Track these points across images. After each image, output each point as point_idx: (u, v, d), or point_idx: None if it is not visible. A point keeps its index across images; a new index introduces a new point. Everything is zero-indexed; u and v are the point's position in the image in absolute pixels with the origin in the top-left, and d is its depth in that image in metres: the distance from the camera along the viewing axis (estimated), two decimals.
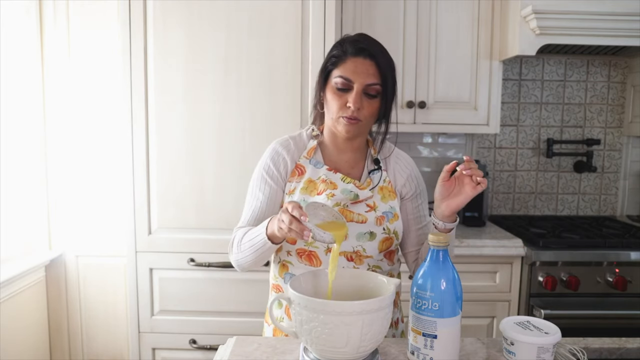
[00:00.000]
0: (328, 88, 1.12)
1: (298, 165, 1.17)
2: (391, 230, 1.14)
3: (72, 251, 2.20)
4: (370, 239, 1.12)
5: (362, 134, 1.18)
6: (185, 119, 1.83)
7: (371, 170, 1.19)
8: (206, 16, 1.79)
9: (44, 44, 2.13)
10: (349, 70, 1.08)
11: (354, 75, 1.08)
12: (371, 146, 1.23)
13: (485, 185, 1.00)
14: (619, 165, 2.56)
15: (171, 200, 1.85)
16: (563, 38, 2.01)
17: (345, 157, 1.19)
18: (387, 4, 2.13)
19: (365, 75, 1.08)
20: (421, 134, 2.49)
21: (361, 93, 1.08)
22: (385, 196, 1.16)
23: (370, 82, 1.08)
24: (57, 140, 2.16)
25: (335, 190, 1.12)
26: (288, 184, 1.16)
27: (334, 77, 1.10)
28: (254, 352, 1.00)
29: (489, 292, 1.99)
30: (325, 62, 1.14)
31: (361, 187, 1.14)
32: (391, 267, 1.19)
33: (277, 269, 1.19)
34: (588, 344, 1.04)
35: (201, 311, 1.90)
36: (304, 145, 1.19)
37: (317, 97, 1.19)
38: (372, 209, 1.14)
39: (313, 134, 1.21)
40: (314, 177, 1.15)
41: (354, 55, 1.09)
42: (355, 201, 1.13)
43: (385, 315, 0.86)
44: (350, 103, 1.08)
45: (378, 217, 1.13)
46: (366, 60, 1.08)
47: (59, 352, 2.23)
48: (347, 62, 1.09)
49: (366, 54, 1.09)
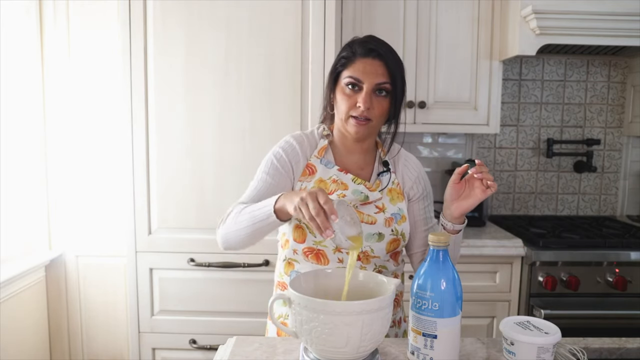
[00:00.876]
0: (338, 89, 1.13)
1: (309, 165, 1.17)
2: (399, 231, 1.15)
3: (72, 251, 2.20)
4: (379, 240, 1.13)
5: (372, 135, 1.18)
6: (185, 118, 1.83)
7: (380, 172, 1.19)
8: (206, 17, 1.79)
9: (44, 44, 2.13)
10: (359, 70, 1.09)
11: (364, 75, 1.09)
12: (380, 148, 1.23)
13: (495, 189, 1.01)
14: (619, 165, 2.56)
15: (171, 200, 1.85)
16: (563, 38, 2.01)
17: (355, 159, 1.20)
18: (387, 4, 2.13)
19: (375, 75, 1.09)
20: (421, 134, 2.49)
21: (371, 93, 1.09)
22: (394, 198, 1.17)
23: (380, 82, 1.09)
24: (57, 140, 2.16)
25: (346, 191, 1.13)
26: (299, 183, 1.16)
27: (344, 78, 1.11)
28: (254, 352, 1.00)
29: (489, 292, 1.99)
30: (335, 63, 1.15)
31: (371, 188, 1.15)
32: (396, 267, 1.19)
33: (282, 267, 1.19)
34: (588, 344, 1.04)
35: (201, 311, 1.90)
36: (315, 143, 1.20)
37: (327, 99, 1.20)
38: (381, 210, 1.14)
39: (324, 133, 1.21)
40: (325, 176, 1.15)
41: (363, 56, 1.10)
42: (365, 202, 1.14)
43: (385, 315, 0.86)
44: (360, 103, 1.09)
45: (387, 218, 1.14)
46: (375, 61, 1.10)
47: (59, 352, 2.23)
48: (357, 62, 1.10)
49: (375, 54, 1.10)
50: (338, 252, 1.12)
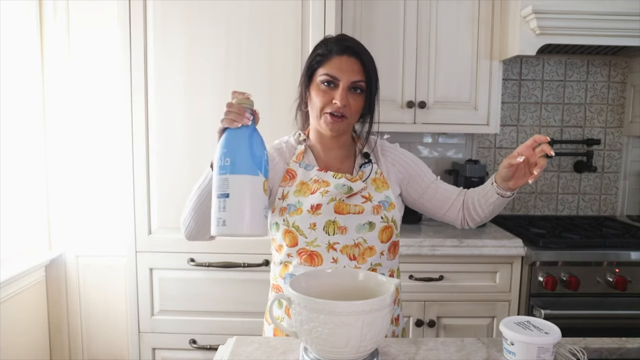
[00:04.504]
0: (313, 86, 1.15)
1: (289, 170, 1.19)
2: (389, 218, 1.16)
3: (72, 251, 2.20)
4: (370, 229, 1.14)
5: (347, 132, 1.21)
6: (186, 118, 1.83)
7: (362, 163, 1.21)
8: (206, 17, 1.79)
9: (44, 44, 2.13)
10: (335, 67, 1.12)
11: (340, 72, 1.11)
12: (357, 142, 1.26)
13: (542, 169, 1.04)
14: (619, 165, 2.56)
15: (171, 200, 1.85)
16: (563, 38, 2.01)
17: (334, 154, 1.22)
18: (387, 4, 2.13)
19: (351, 72, 1.12)
20: (421, 134, 2.49)
21: (347, 90, 1.11)
22: (379, 186, 1.19)
23: (356, 80, 1.12)
24: (57, 140, 2.16)
25: (328, 187, 1.14)
26: (280, 189, 1.17)
27: (320, 75, 1.13)
28: (254, 352, 1.00)
29: (489, 292, 1.99)
30: (310, 61, 1.16)
31: (353, 179, 1.16)
32: (392, 262, 1.20)
33: (277, 270, 1.20)
34: (588, 344, 1.04)
35: (201, 311, 1.90)
36: (293, 149, 1.22)
37: (301, 97, 1.22)
38: (368, 199, 1.16)
39: (300, 139, 1.24)
40: (306, 179, 1.17)
41: (339, 54, 1.13)
42: (350, 194, 1.15)
43: (385, 315, 0.86)
44: (337, 99, 1.11)
45: (375, 206, 1.15)
46: (351, 59, 1.12)
47: (59, 352, 2.23)
48: (333, 60, 1.12)
49: (351, 52, 1.13)
50: (332, 250, 1.12)
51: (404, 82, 2.16)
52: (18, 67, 2.02)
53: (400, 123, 2.16)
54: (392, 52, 2.13)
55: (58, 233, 2.20)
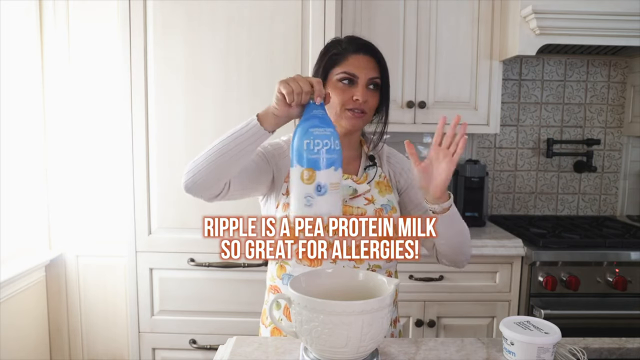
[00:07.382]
0: (329, 86, 1.15)
1: None
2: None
3: (72, 251, 2.20)
4: None
5: (361, 129, 1.23)
6: (186, 118, 1.83)
7: (367, 165, 1.22)
8: (206, 17, 1.79)
9: (44, 44, 2.13)
10: (353, 65, 1.13)
11: (358, 69, 1.13)
12: (364, 144, 1.26)
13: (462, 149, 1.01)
14: (619, 165, 2.56)
15: (171, 200, 1.85)
16: (563, 38, 2.01)
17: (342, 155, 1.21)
18: (387, 4, 2.13)
19: (368, 69, 1.14)
20: (421, 134, 2.49)
21: (365, 86, 1.13)
22: (382, 190, 1.19)
23: (373, 76, 1.15)
24: (57, 140, 2.16)
25: None
26: (285, 185, 1.17)
27: (337, 75, 1.14)
28: (254, 352, 1.00)
29: (489, 292, 1.99)
30: (325, 61, 1.16)
31: (359, 181, 1.17)
32: (390, 264, 1.19)
33: (275, 270, 1.20)
34: (588, 344, 1.04)
35: (201, 311, 1.90)
36: None
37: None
38: (370, 202, 1.17)
39: None
40: None
41: (355, 52, 1.15)
42: (354, 196, 1.15)
43: (385, 315, 0.86)
44: (358, 96, 1.12)
45: (377, 209, 1.16)
46: (366, 56, 1.15)
47: (59, 352, 2.23)
48: (349, 59, 1.14)
49: (366, 49, 1.16)
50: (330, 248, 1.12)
51: (404, 82, 2.16)
52: (18, 67, 2.02)
53: (400, 123, 2.16)
54: (392, 52, 2.13)
55: (58, 233, 2.20)
